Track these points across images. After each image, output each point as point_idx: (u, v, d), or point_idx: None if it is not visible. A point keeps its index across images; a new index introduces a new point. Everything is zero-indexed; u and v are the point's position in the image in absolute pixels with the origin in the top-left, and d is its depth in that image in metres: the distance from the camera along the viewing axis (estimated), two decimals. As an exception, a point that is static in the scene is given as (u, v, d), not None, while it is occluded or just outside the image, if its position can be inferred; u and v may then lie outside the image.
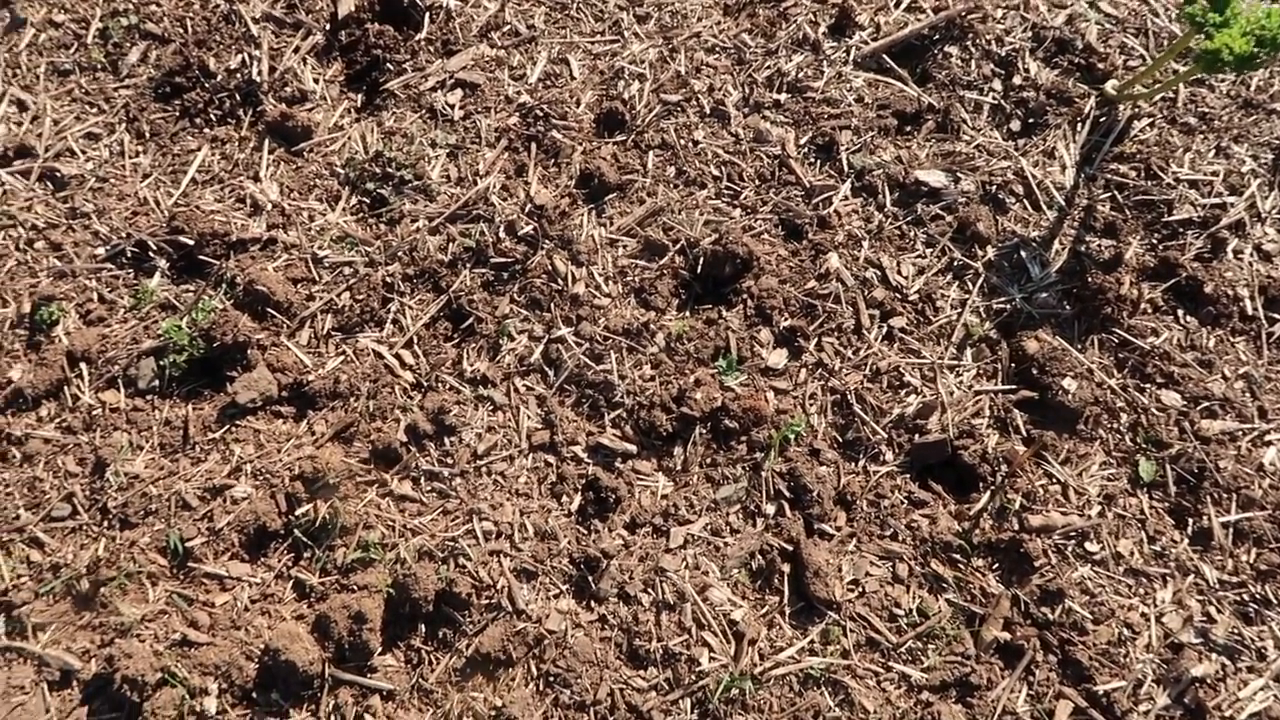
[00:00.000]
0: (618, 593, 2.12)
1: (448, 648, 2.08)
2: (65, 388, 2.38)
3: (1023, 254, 2.49)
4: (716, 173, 2.60)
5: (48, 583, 2.16)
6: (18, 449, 2.31)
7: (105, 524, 2.21)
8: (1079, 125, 2.65)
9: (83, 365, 2.40)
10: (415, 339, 2.42)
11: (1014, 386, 2.34)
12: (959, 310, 2.43)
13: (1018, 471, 2.23)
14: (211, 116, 2.79)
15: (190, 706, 2.01)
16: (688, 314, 2.44)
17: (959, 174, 2.57)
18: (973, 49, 2.76)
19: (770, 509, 2.21)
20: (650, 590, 2.12)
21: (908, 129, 2.67)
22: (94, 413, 2.35)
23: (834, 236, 2.50)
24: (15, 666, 2.08)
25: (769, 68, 2.76)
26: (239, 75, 2.83)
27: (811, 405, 2.32)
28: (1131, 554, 2.18)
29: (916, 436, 2.27)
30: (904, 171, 2.57)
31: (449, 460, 2.26)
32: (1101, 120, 2.67)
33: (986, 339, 2.40)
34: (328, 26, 2.93)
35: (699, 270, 2.46)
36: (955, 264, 2.49)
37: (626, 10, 2.89)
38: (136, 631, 2.09)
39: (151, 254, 2.54)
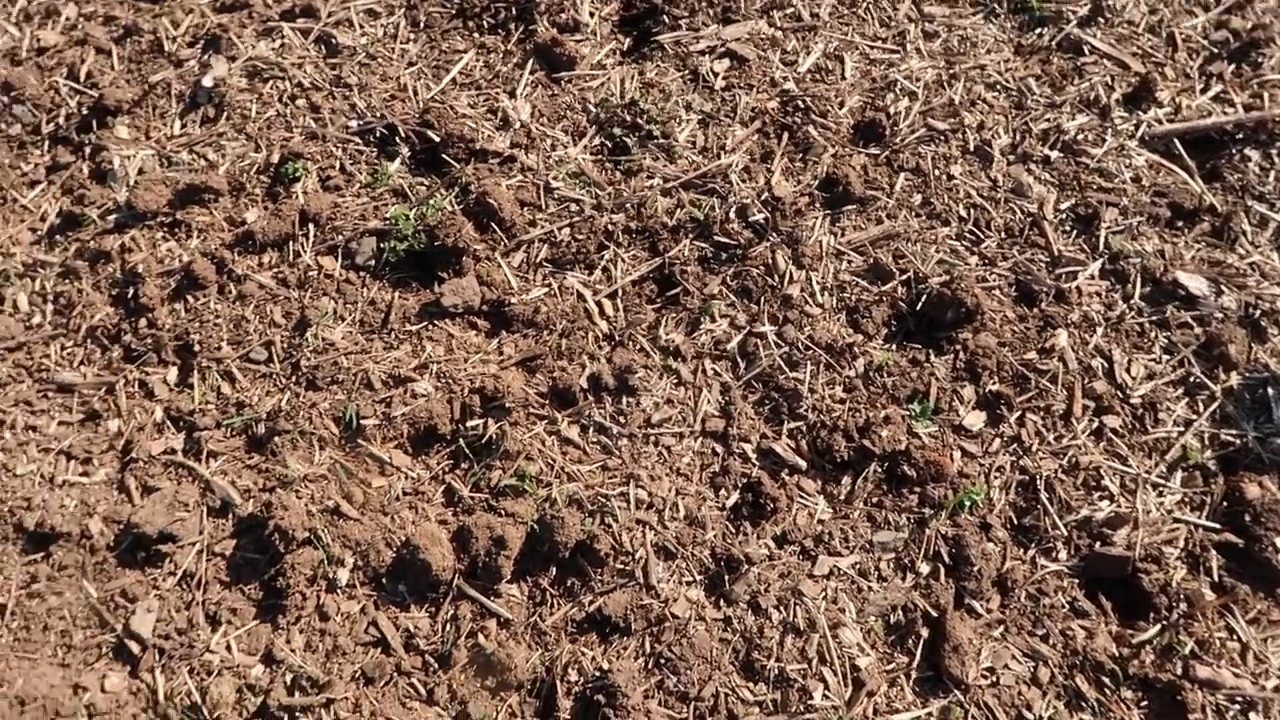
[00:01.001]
0: (749, 600, 2.08)
1: (572, 598, 2.10)
2: (290, 243, 2.50)
3: (1269, 391, 2.29)
4: (964, 213, 2.49)
5: (230, 416, 2.28)
6: (235, 286, 2.44)
7: (294, 379, 2.32)
8: (1372, 272, 2.41)
9: (311, 226, 2.51)
10: (620, 292, 2.42)
11: (1219, 526, 2.16)
12: (1181, 429, 2.26)
13: (1198, 615, 2.07)
14: (485, 23, 2.85)
15: (325, 572, 2.09)
16: (894, 347, 2.35)
17: (1223, 287, 2.38)
18: (1277, 159, 2.53)
19: (925, 568, 2.12)
20: (782, 609, 2.08)
21: (1179, 224, 2.48)
22: (309, 273, 2.45)
23: (1069, 313, 2.36)
24: (184, 484, 2.22)
25: (1048, 120, 2.61)
26: (520, -10, 2.87)
27: (996, 478, 2.21)
28: (1299, 742, 2.00)
29: (1098, 544, 2.14)
30: (1163, 267, 2.39)
31: (621, 419, 2.26)
32: (1399, 273, 2.42)
33: (1203, 468, 2.23)
34: (615, -36, 2.94)
35: (918, 307, 2.36)
36: (1191, 380, 2.31)
37: (916, 23, 2.78)
38: (296, 488, 2.19)
39: (398, 139, 2.63)
